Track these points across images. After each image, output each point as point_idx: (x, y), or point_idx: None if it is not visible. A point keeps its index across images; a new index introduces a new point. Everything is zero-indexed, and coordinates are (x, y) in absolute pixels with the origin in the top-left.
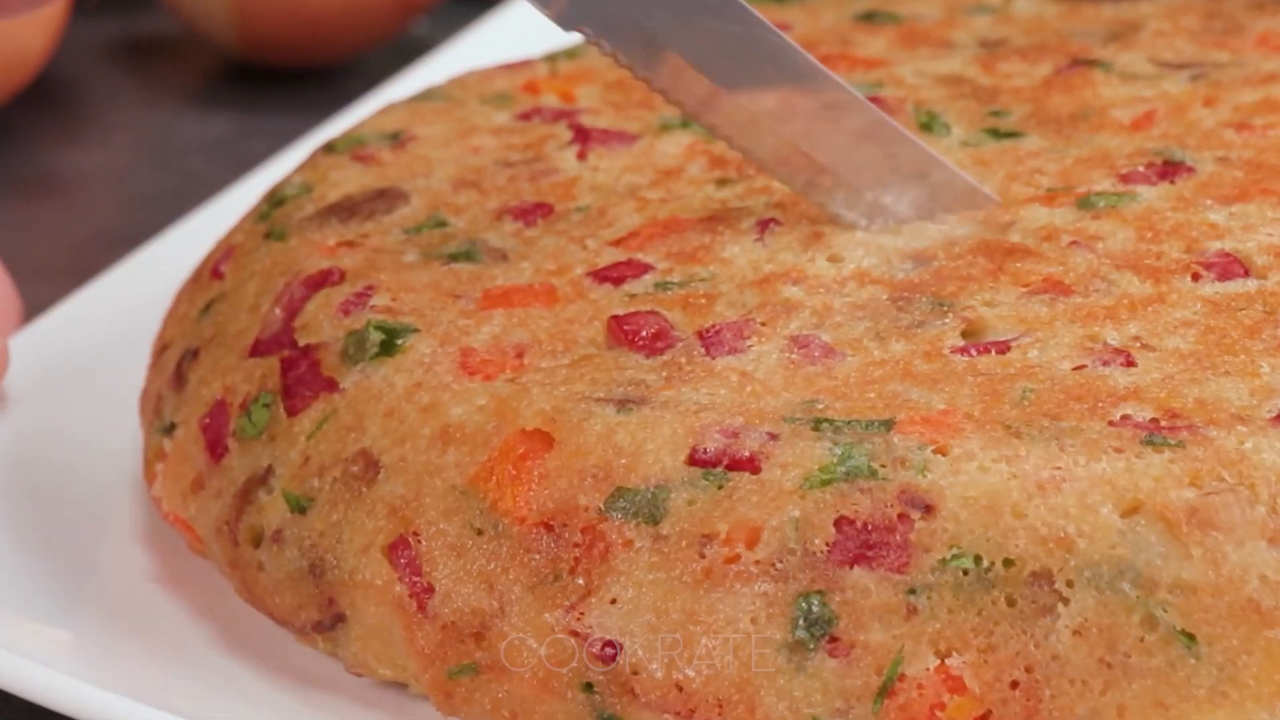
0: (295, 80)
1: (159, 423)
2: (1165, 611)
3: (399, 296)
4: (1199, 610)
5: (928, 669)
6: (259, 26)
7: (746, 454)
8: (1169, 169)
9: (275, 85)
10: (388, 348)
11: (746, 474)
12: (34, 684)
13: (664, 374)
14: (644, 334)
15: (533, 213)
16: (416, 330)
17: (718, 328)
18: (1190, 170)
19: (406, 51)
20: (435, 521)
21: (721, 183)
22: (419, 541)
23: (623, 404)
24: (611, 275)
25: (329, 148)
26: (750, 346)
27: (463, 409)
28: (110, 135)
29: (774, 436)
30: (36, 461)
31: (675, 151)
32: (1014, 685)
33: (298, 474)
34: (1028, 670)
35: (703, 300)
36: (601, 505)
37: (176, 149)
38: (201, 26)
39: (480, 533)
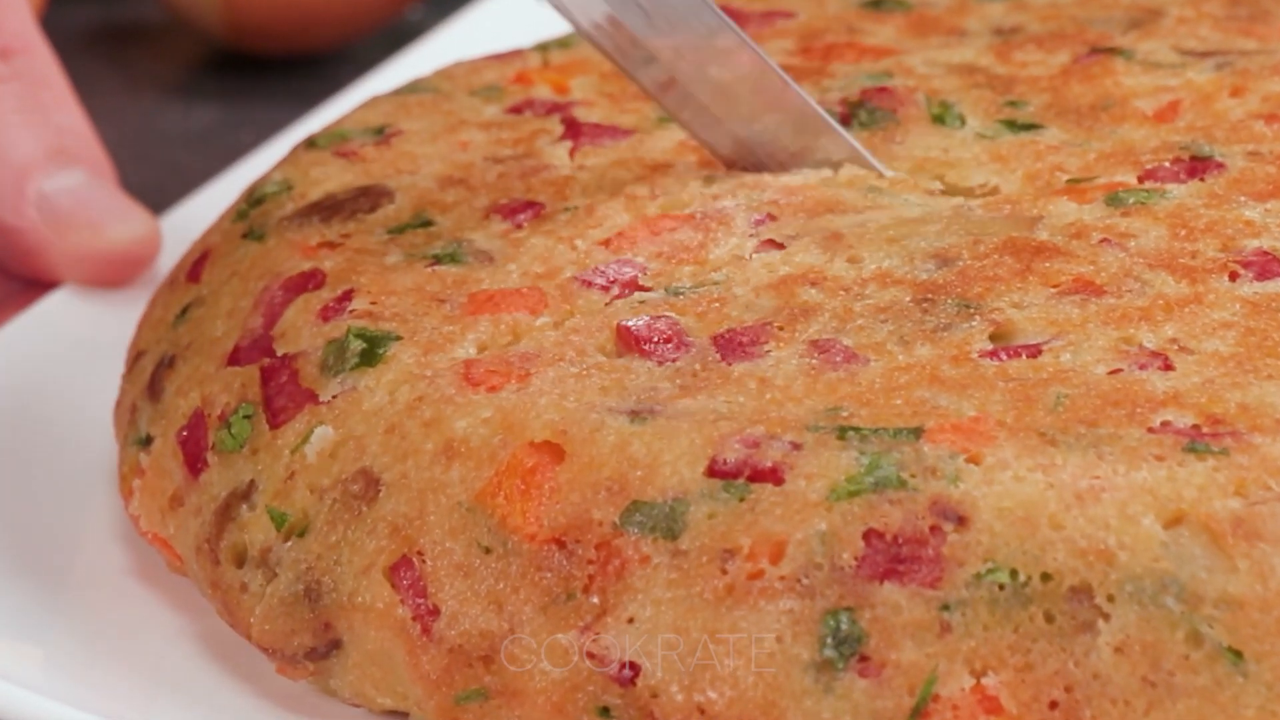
0: (284, 69)
1: (134, 435)
2: (1211, 627)
3: (379, 300)
4: (1246, 626)
5: (963, 689)
6: (247, 13)
7: (769, 464)
8: (1198, 165)
9: (263, 74)
10: (368, 357)
11: (769, 485)
12: (4, 703)
13: (678, 382)
14: (655, 340)
15: (522, 211)
16: (399, 338)
17: (733, 332)
18: (1221, 166)
19: (399, 39)
20: (440, 540)
21: (709, 180)
22: (423, 561)
23: (636, 414)
24: (600, 278)
25: (310, 143)
26: (768, 352)
27: (467, 422)
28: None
29: (797, 446)
30: (7, 471)
31: (667, 146)
32: (1053, 705)
33: (282, 489)
34: (1067, 690)
35: (716, 304)
36: (616, 520)
37: (160, 140)
38: (186, 13)
39: (488, 551)
